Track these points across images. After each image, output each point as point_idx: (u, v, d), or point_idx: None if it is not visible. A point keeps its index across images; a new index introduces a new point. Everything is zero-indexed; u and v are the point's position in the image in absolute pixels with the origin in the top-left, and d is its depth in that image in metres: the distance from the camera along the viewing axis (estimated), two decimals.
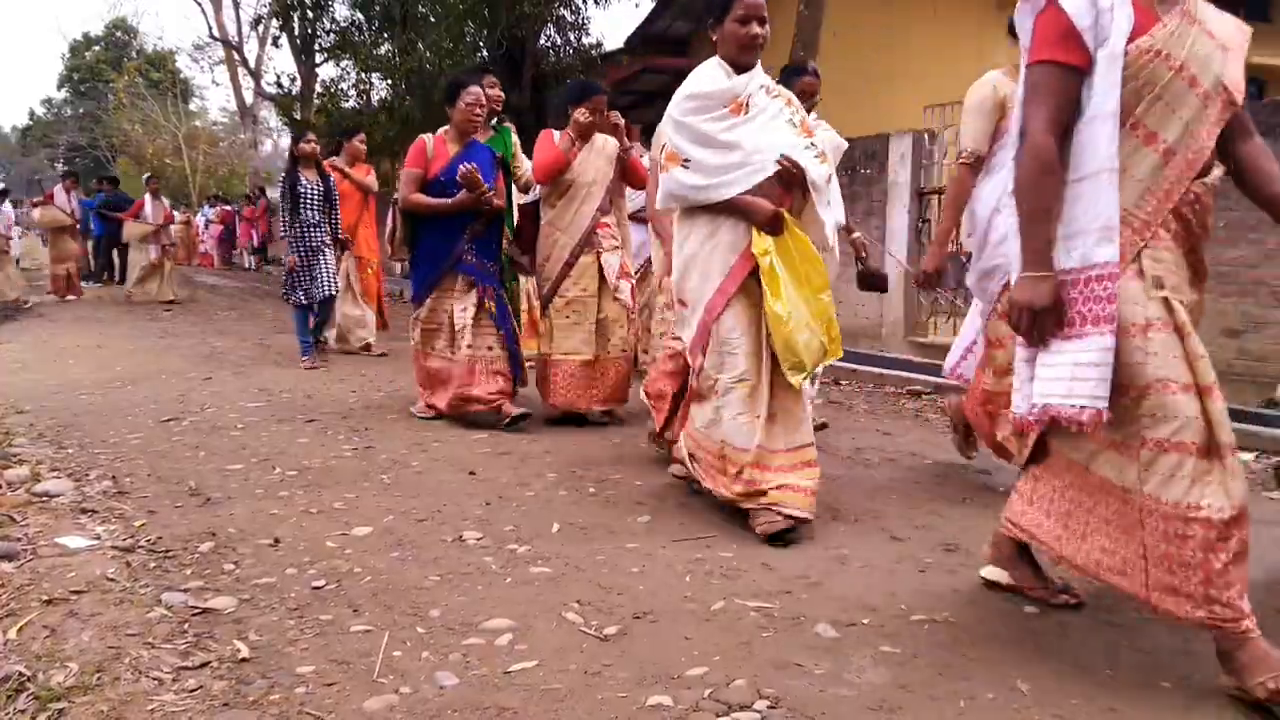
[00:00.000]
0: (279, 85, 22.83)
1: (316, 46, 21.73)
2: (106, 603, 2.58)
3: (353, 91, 18.33)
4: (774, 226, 3.25)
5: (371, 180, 8.58)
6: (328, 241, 7.43)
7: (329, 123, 18.42)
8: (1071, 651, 2.38)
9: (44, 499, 3.58)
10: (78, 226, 14.17)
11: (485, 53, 16.32)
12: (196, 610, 2.57)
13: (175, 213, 15.19)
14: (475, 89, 5.01)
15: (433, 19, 15.55)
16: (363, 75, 17.95)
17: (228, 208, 25.14)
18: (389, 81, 17.15)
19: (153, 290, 13.51)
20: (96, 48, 46.02)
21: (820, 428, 4.40)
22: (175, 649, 2.32)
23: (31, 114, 52.33)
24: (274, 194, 12.91)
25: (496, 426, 4.99)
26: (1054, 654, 2.37)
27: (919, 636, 2.46)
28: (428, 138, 5.12)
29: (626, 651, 2.36)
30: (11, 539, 3.07)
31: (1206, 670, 2.28)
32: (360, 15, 17.85)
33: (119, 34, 45.49)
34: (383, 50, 17.26)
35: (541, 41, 16.52)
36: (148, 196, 13.59)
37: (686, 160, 3.35)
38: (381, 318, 8.84)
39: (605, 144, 5.10)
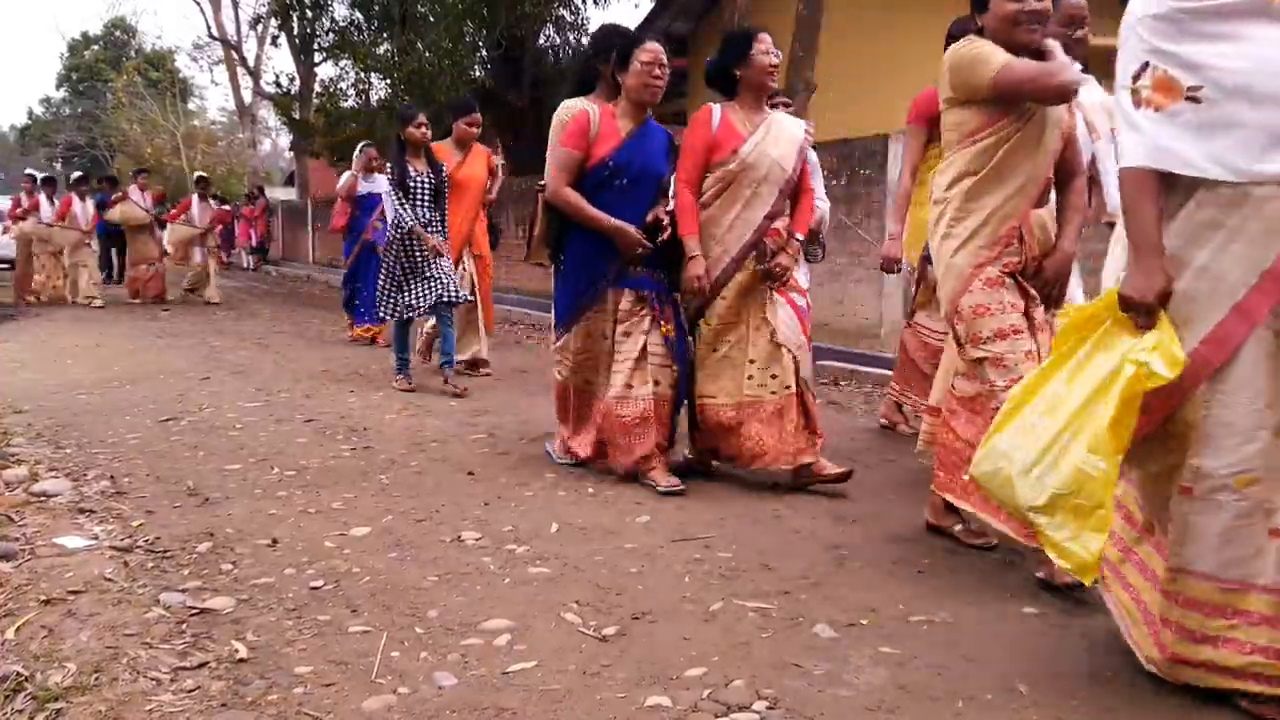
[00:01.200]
0: (278, 85, 22.87)
1: (315, 46, 21.75)
2: (104, 603, 2.58)
3: (352, 91, 18.36)
4: None
5: (494, 164, 7.05)
6: (441, 241, 6.25)
7: (328, 122, 18.45)
8: (1071, 653, 2.38)
9: (42, 499, 3.58)
10: (156, 225, 13.53)
11: (484, 52, 16.34)
12: (194, 610, 2.56)
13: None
14: (654, 46, 3.94)
15: (432, 19, 15.56)
16: (362, 75, 17.96)
17: (225, 207, 25.14)
18: (388, 81, 17.17)
19: (204, 294, 13.22)
20: (95, 47, 45.99)
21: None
22: (173, 649, 2.31)
23: (30, 113, 52.34)
24: (274, 194, 12.70)
25: (637, 481, 3.95)
26: (1053, 655, 2.37)
27: (918, 637, 2.46)
28: (590, 108, 3.98)
29: (625, 652, 2.35)
30: (9, 539, 3.07)
31: None
32: (359, 15, 17.88)
33: (118, 33, 45.49)
34: (382, 50, 17.27)
35: (541, 42, 16.54)
36: (195, 197, 13.20)
37: (1195, 91, 1.97)
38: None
39: (787, 125, 3.96)
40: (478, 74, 16.58)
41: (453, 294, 6.04)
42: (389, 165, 6.21)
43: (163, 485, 3.86)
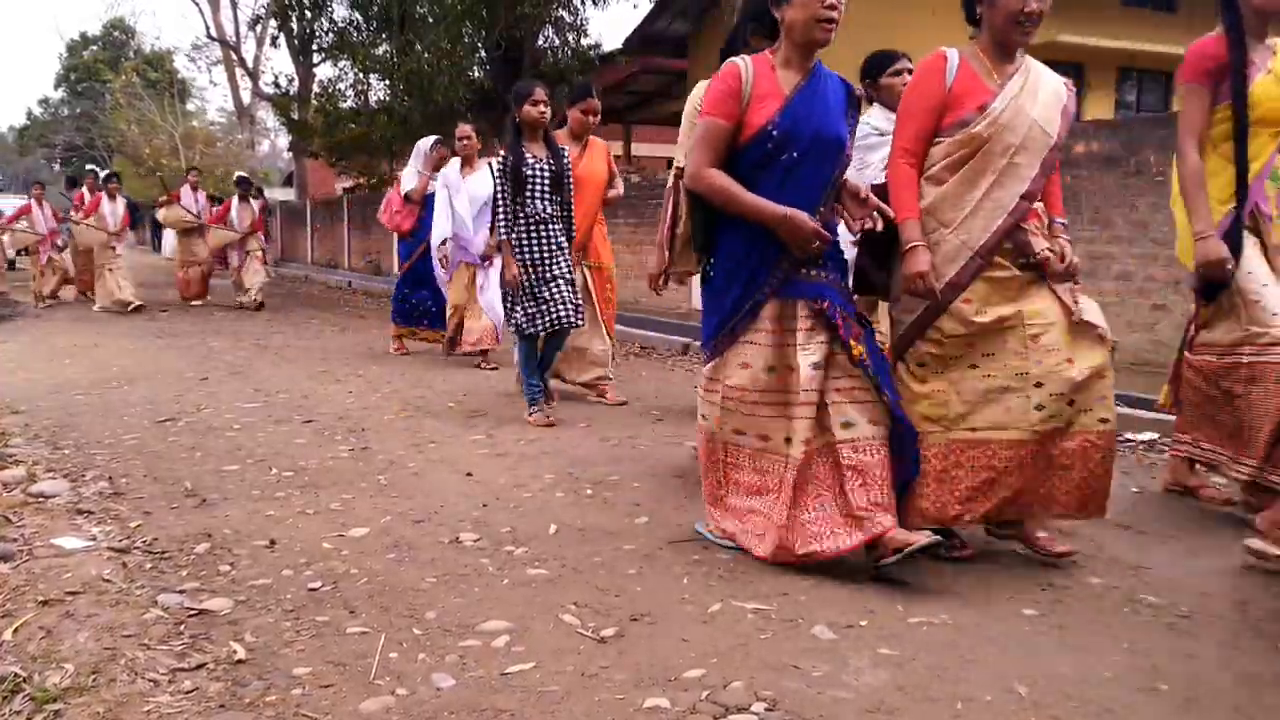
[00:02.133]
0: (277, 85, 22.89)
1: (314, 47, 21.76)
2: (102, 604, 2.57)
3: (350, 92, 18.37)
4: None
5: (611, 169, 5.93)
6: (564, 244, 5.19)
7: (326, 123, 18.46)
8: (1069, 654, 2.38)
9: (40, 500, 3.57)
10: (205, 227, 13.10)
11: (483, 53, 16.34)
12: (192, 611, 2.56)
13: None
14: None
15: (431, 19, 15.56)
16: (361, 76, 17.98)
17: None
18: (387, 82, 17.17)
19: (242, 298, 12.79)
20: (94, 47, 46.03)
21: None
22: (171, 650, 2.31)
23: (28, 114, 52.37)
24: (272, 195, 12.62)
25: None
26: (1052, 656, 2.37)
27: (917, 638, 2.46)
28: (742, 61, 2.98)
29: (624, 653, 2.35)
30: (7, 540, 3.07)
31: (1206, 673, 2.28)
32: (358, 15, 17.87)
33: (116, 34, 45.52)
34: (381, 51, 17.28)
35: (540, 42, 16.52)
36: (235, 200, 12.80)
37: None
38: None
39: (1046, 77, 3.00)
40: (477, 75, 16.58)
41: (570, 318, 5.09)
42: (500, 153, 5.22)
43: (161, 486, 3.86)
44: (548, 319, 5.03)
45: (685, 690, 2.15)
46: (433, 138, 8.28)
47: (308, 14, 18.89)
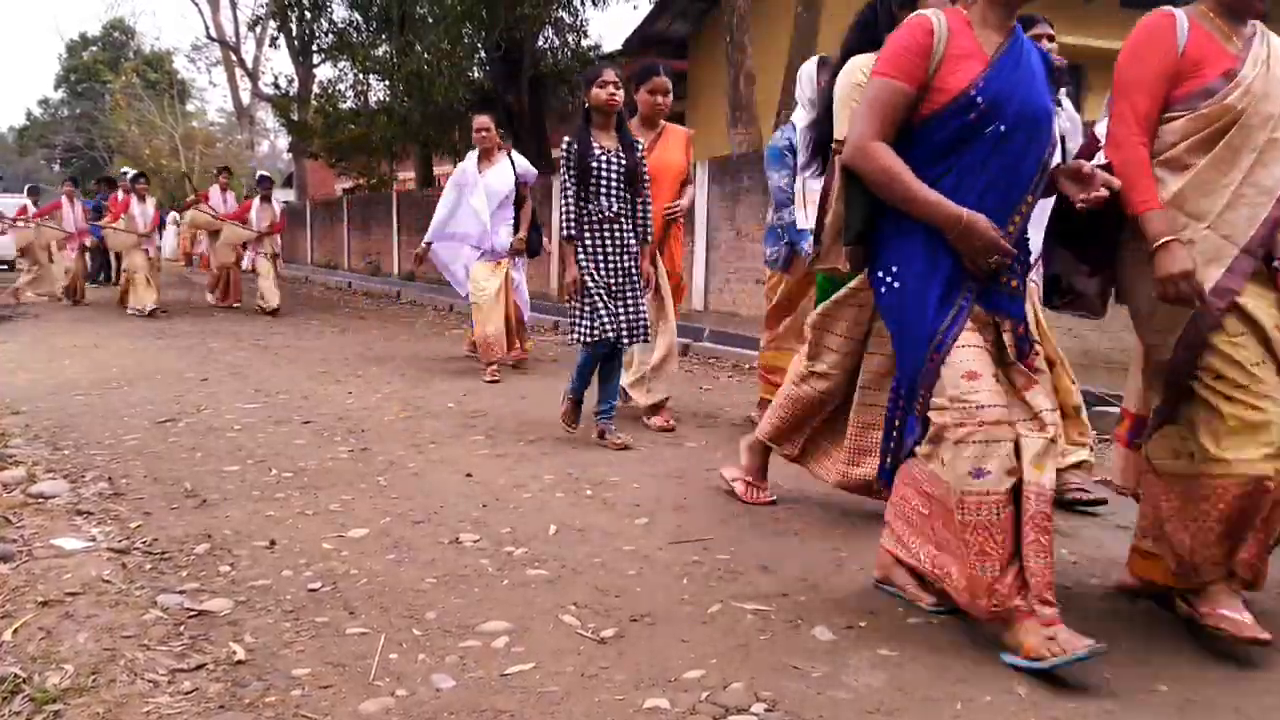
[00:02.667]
0: (276, 86, 22.92)
1: (314, 48, 21.77)
2: (102, 604, 2.57)
3: (350, 93, 18.38)
4: None
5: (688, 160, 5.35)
6: (635, 247, 4.63)
7: (326, 124, 18.47)
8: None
9: (39, 500, 3.57)
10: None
11: (483, 54, 16.36)
12: (192, 612, 2.56)
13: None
14: None
15: (431, 20, 15.57)
16: (360, 76, 18.01)
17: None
18: (387, 83, 17.19)
19: (269, 303, 12.01)
20: (94, 48, 46.04)
21: None
22: (171, 651, 2.31)
23: (28, 114, 52.37)
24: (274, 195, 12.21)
25: None
26: None
27: (916, 639, 2.46)
28: (934, 14, 2.43)
29: (624, 654, 2.35)
30: (7, 540, 3.06)
31: (1206, 675, 2.28)
32: (358, 16, 17.90)
33: (116, 34, 45.53)
34: (381, 51, 17.30)
35: (540, 43, 16.55)
36: (256, 200, 12.34)
37: None
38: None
39: (1276, 42, 2.50)
40: (476, 75, 16.61)
41: (638, 332, 4.62)
42: (565, 142, 4.55)
43: (160, 487, 3.86)
44: (612, 330, 4.49)
45: (685, 691, 2.15)
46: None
47: (307, 15, 18.90)
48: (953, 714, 2.08)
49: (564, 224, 4.55)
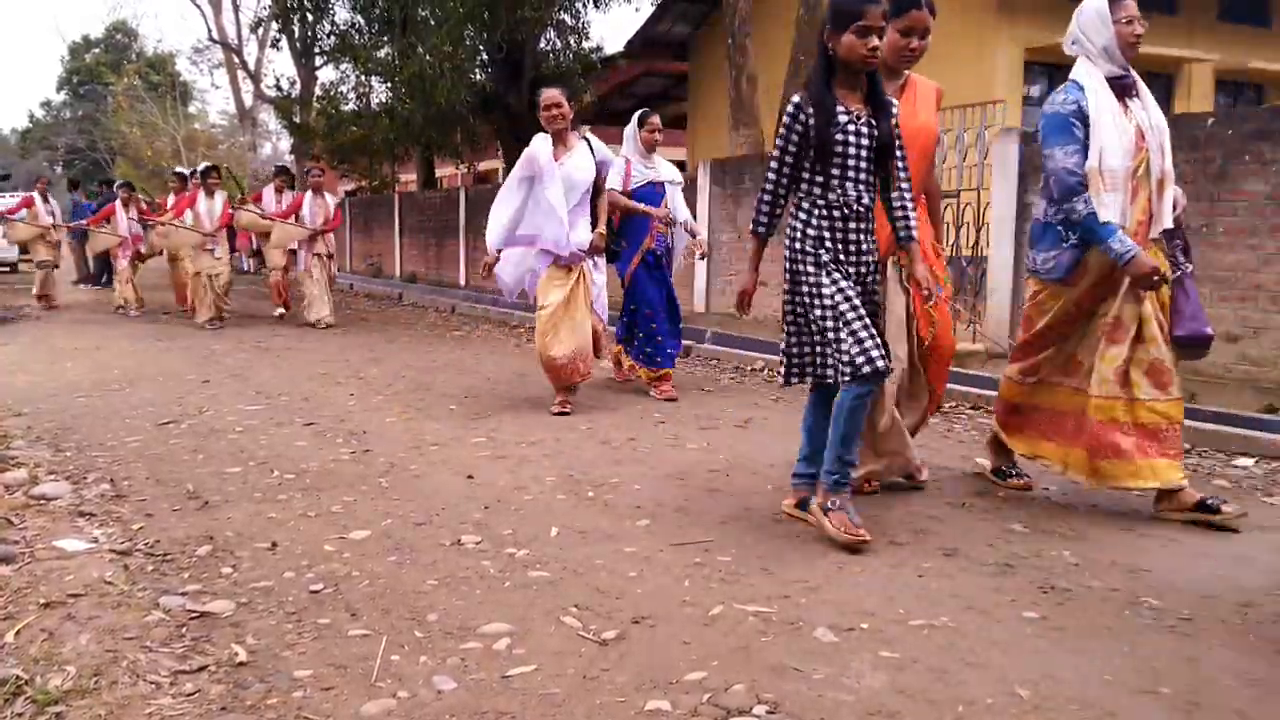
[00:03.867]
0: (278, 88, 22.95)
1: (316, 49, 21.81)
2: (104, 606, 2.57)
3: (352, 94, 18.40)
4: None
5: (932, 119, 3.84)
6: (875, 248, 3.38)
7: (328, 125, 18.51)
8: (1070, 657, 2.38)
9: (42, 502, 3.58)
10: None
11: (485, 56, 16.38)
12: (194, 614, 2.56)
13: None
14: None
15: (433, 22, 15.60)
16: (362, 78, 18.03)
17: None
18: (389, 84, 17.21)
19: (319, 314, 10.68)
20: (96, 50, 46.13)
21: None
22: (173, 652, 2.31)
23: (31, 116, 52.47)
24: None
25: None
26: (1053, 659, 2.36)
27: (917, 641, 2.46)
28: None
29: (625, 656, 2.35)
30: (9, 542, 3.07)
31: (1208, 676, 2.28)
32: (360, 18, 17.94)
33: (119, 36, 45.61)
34: (383, 53, 17.33)
35: (541, 45, 16.57)
36: (308, 194, 10.87)
37: None
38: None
39: None
40: (478, 77, 16.62)
41: (880, 362, 3.13)
42: (793, 103, 3.27)
43: (162, 488, 3.86)
44: (881, 357, 3.14)
45: (686, 693, 2.15)
46: (643, 110, 6.37)
47: (309, 17, 18.94)
48: (954, 716, 2.07)
49: (760, 214, 3.37)
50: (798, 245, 3.29)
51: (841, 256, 3.27)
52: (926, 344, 3.74)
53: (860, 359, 3.11)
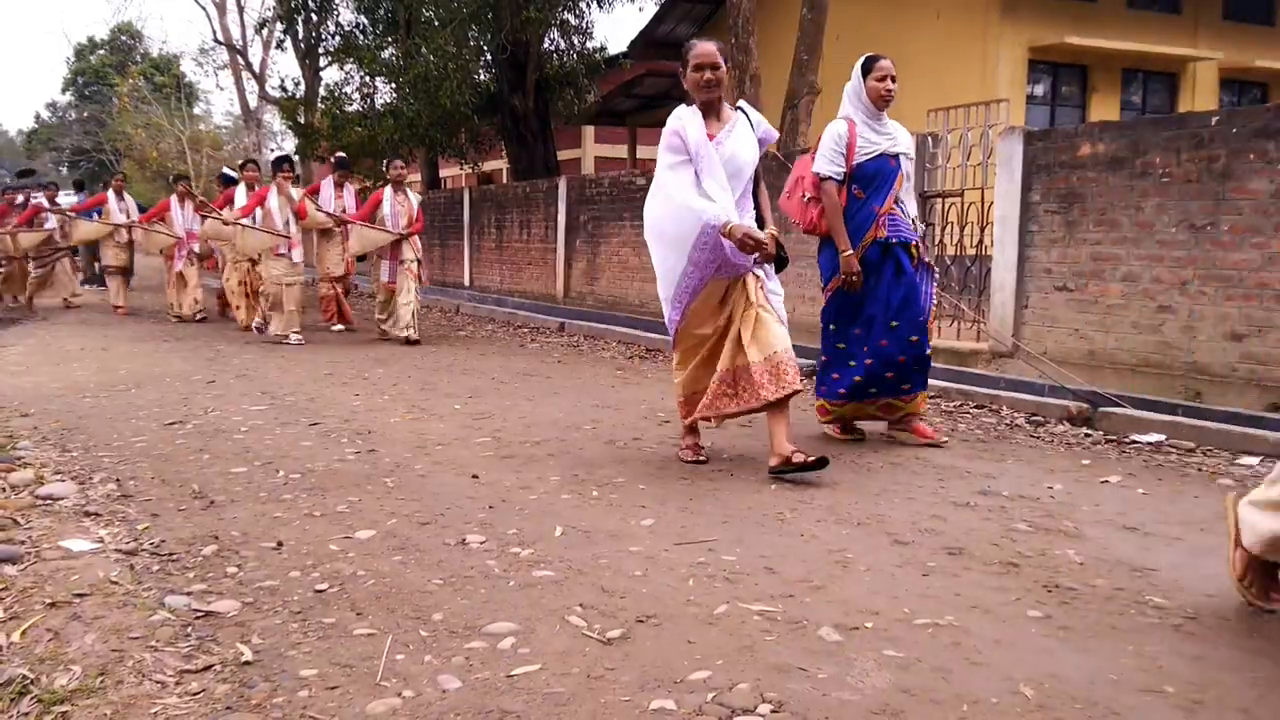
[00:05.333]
0: (283, 89, 22.97)
1: (320, 50, 21.85)
2: (110, 606, 2.58)
3: (356, 95, 18.41)
4: None
5: None
6: None
7: (332, 126, 18.54)
8: (1075, 656, 2.38)
9: (47, 502, 3.59)
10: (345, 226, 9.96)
11: (489, 56, 16.39)
12: (199, 613, 2.57)
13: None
14: None
15: (437, 23, 15.62)
16: (367, 79, 18.04)
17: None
18: (393, 85, 17.22)
19: (392, 327, 9.47)
20: (101, 51, 46.24)
21: None
22: (178, 652, 2.32)
23: (36, 117, 52.63)
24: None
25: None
26: (1058, 659, 2.36)
27: (922, 640, 2.46)
28: None
29: (629, 655, 2.35)
30: (15, 542, 3.08)
31: (1212, 676, 2.28)
32: (364, 19, 17.95)
33: (124, 38, 45.69)
34: (387, 54, 17.34)
35: (545, 45, 16.56)
36: (388, 190, 9.37)
37: None
38: None
39: None
40: (482, 78, 16.63)
41: None
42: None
43: (168, 488, 3.87)
44: None
45: (691, 692, 2.16)
46: (866, 56, 4.73)
47: (314, 18, 18.97)
48: (959, 715, 2.07)
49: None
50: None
51: None
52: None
53: None
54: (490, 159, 23.36)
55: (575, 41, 16.97)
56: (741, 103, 4.38)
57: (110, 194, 12.33)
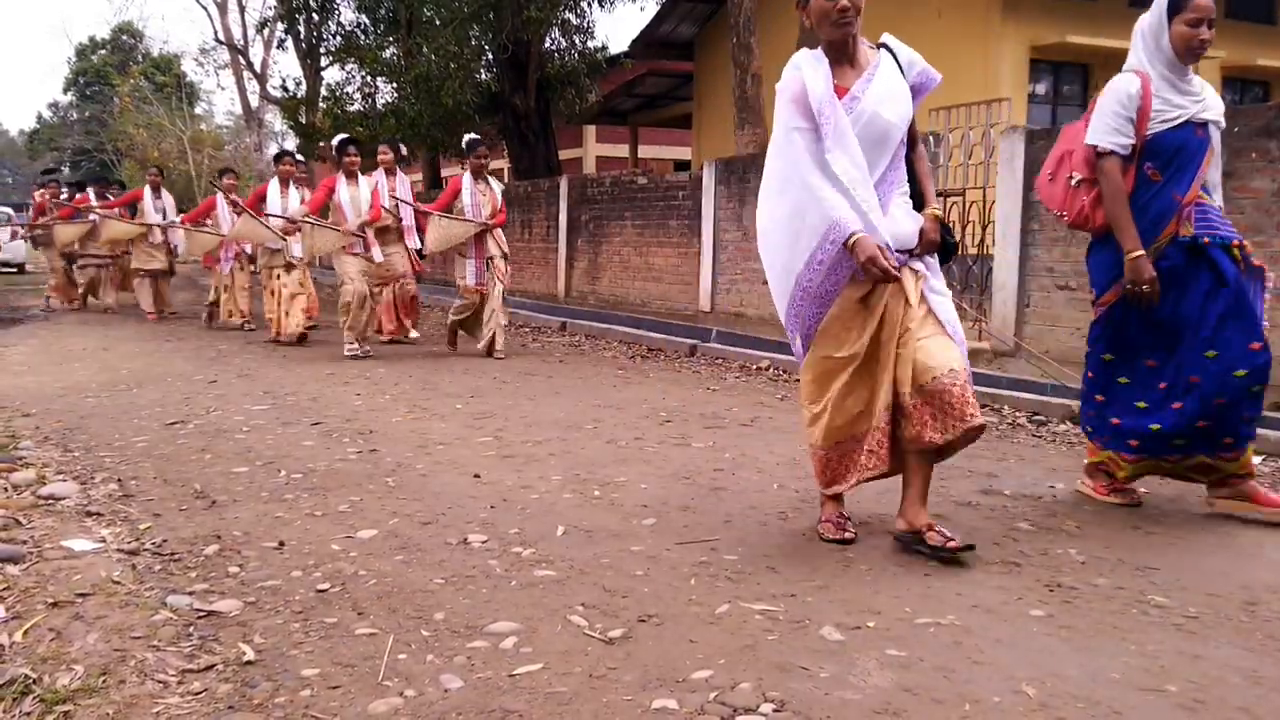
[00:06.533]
0: (284, 89, 22.98)
1: (322, 50, 21.85)
2: (112, 605, 2.58)
3: (358, 95, 18.42)
4: None
5: None
6: None
7: (334, 126, 18.55)
8: (1077, 655, 2.38)
9: (50, 502, 3.59)
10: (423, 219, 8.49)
11: (490, 56, 16.39)
12: (201, 613, 2.57)
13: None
14: None
15: (438, 22, 15.62)
16: (368, 79, 18.04)
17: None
18: (394, 85, 17.22)
19: (481, 335, 8.15)
20: (103, 51, 46.28)
21: None
22: (180, 651, 2.32)
23: (38, 117, 52.69)
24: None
25: None
26: (1060, 658, 2.36)
27: (924, 640, 2.46)
28: None
29: (631, 654, 2.35)
30: (17, 542, 3.08)
31: (1214, 675, 2.28)
32: (365, 19, 17.97)
33: (125, 38, 45.72)
34: (388, 54, 17.35)
35: (546, 45, 16.57)
36: (467, 176, 8.09)
37: None
38: None
39: None
40: (484, 77, 16.63)
41: None
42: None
43: (170, 488, 3.87)
44: None
45: (693, 691, 2.16)
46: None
47: (315, 17, 18.98)
48: (961, 714, 2.07)
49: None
50: None
51: None
52: None
53: None
54: (491, 158, 23.37)
55: (576, 41, 16.98)
56: (886, 37, 3.24)
57: (146, 190, 11.36)
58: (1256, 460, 4.40)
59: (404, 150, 9.68)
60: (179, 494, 3.79)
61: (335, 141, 8.61)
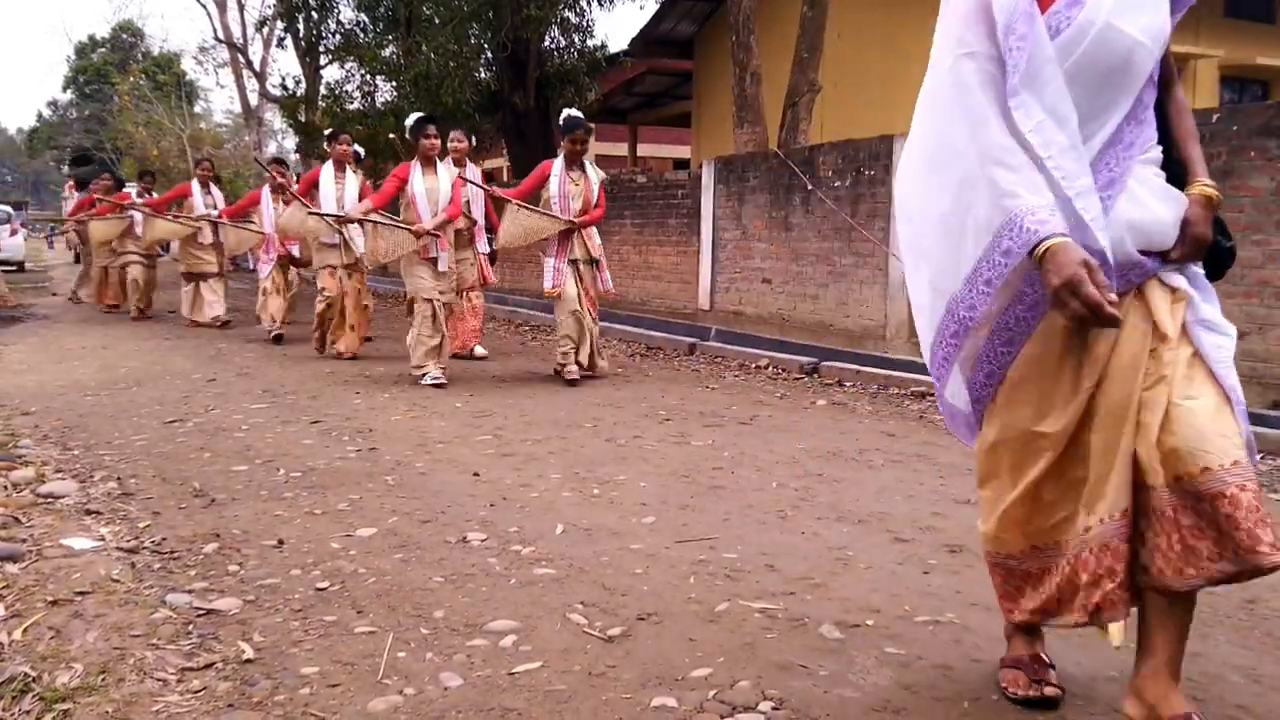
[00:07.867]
0: (283, 87, 22.94)
1: (321, 49, 21.81)
2: (111, 604, 2.58)
3: (357, 93, 18.39)
4: None
5: None
6: None
7: (333, 125, 18.54)
8: (1075, 653, 2.38)
9: (49, 500, 3.59)
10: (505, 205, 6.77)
11: (490, 55, 16.38)
12: (201, 611, 2.57)
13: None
14: None
15: (438, 21, 15.60)
16: (367, 77, 18.02)
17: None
18: (394, 84, 17.21)
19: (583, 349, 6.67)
20: (102, 50, 46.26)
21: None
22: (180, 650, 2.32)
23: (38, 116, 52.66)
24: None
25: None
26: (1059, 656, 2.36)
27: (923, 638, 2.46)
28: None
29: (631, 653, 2.36)
30: (16, 540, 3.08)
31: (1213, 673, 2.28)
32: (365, 17, 17.93)
33: (124, 36, 45.70)
34: (387, 52, 17.32)
35: (546, 43, 16.55)
36: (557, 164, 6.55)
37: None
38: None
39: None
40: (483, 76, 16.62)
41: None
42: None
43: (169, 487, 3.87)
44: None
45: (692, 689, 2.16)
46: None
47: (314, 16, 18.94)
48: (959, 713, 2.08)
49: None
50: None
51: None
52: None
53: None
54: (491, 158, 23.37)
55: (576, 39, 16.96)
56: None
57: (194, 184, 10.25)
58: (1256, 459, 4.41)
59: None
60: (178, 492, 3.79)
61: (410, 121, 6.91)
